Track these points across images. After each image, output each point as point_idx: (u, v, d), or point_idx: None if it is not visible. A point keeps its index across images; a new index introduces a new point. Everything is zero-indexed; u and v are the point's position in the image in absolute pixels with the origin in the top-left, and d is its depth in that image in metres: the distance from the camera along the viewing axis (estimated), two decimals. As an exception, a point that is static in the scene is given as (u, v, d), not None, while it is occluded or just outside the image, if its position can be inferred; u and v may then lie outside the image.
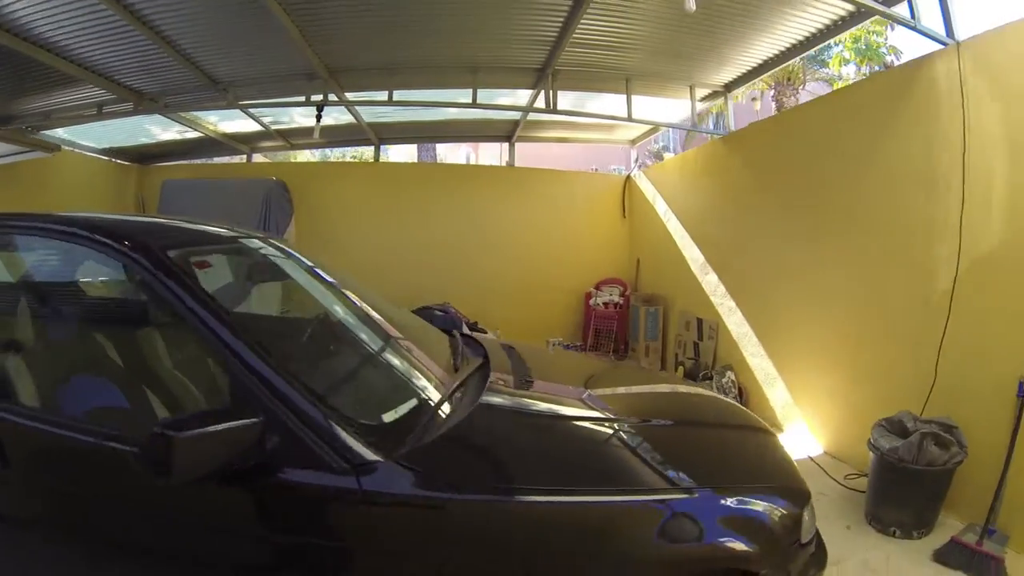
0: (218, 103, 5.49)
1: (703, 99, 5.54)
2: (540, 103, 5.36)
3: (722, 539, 1.48)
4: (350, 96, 5.31)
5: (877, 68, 8.38)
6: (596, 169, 10.63)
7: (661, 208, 6.33)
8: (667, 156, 8.43)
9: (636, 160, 7.95)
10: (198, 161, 8.19)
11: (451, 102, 5.46)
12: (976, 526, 2.60)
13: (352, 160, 10.53)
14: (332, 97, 5.19)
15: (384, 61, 4.73)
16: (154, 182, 7.22)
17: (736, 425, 2.17)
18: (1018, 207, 2.73)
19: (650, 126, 6.72)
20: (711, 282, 5.28)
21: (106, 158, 7.12)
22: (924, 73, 3.23)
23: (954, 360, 2.98)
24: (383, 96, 5.21)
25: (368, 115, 6.44)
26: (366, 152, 12.13)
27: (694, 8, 2.91)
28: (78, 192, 6.30)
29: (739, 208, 4.91)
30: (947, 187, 3.07)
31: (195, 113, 6.31)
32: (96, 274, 1.76)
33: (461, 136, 8.50)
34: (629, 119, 5.32)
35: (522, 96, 5.65)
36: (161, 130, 7.19)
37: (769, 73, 5.20)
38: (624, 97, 5.28)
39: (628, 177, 7.39)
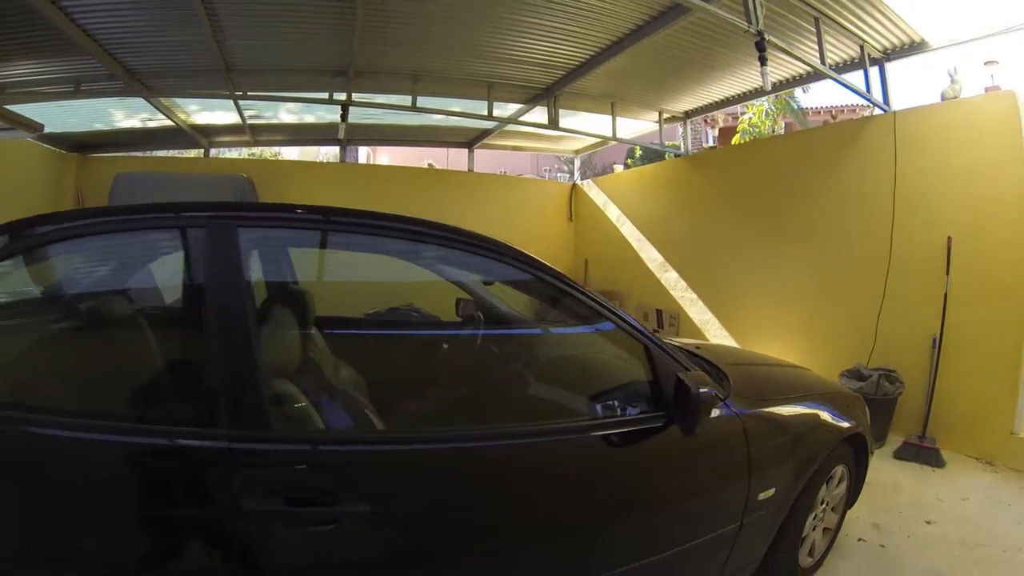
0: (219, 92, 5.56)
1: (665, 122, 6.85)
2: (532, 117, 6.30)
3: (846, 422, 2.49)
4: (378, 98, 5.69)
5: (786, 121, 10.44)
6: (504, 172, 11.78)
7: (614, 214, 7.59)
8: (616, 168, 9.70)
9: (578, 169, 9.17)
10: (143, 153, 7.99)
11: (472, 113, 6.13)
12: (914, 436, 4.04)
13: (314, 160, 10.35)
14: (342, 95, 5.55)
15: (410, 68, 5.24)
16: (96, 174, 6.89)
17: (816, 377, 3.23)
18: (931, 222, 4.26)
19: (598, 139, 7.94)
20: (671, 279, 6.60)
21: (43, 145, 6.54)
22: (868, 128, 4.77)
23: (888, 326, 4.47)
24: (406, 100, 5.68)
25: (357, 116, 6.77)
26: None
27: (770, 88, 4.09)
28: (9, 182, 5.70)
29: (702, 217, 6.29)
30: (880, 207, 4.58)
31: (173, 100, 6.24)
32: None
33: (427, 140, 8.91)
34: (614, 137, 6.46)
35: (510, 108, 6.47)
36: (124, 116, 6.89)
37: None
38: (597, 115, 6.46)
39: (574, 184, 8.57)
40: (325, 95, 5.51)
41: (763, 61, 3.47)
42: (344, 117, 5.56)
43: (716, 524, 1.85)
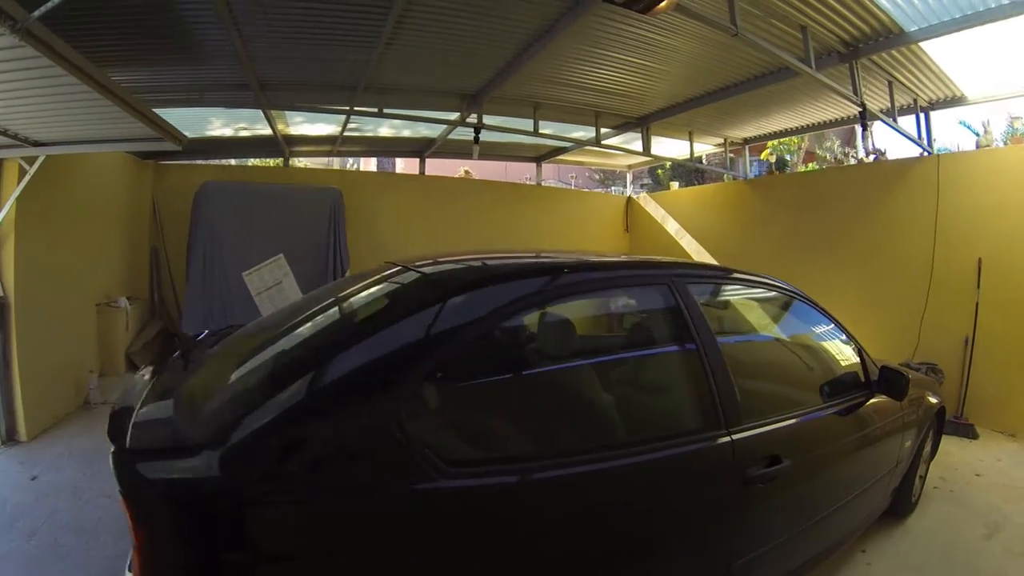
0: (340, 106, 6.19)
1: (729, 147, 8.08)
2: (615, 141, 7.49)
3: (936, 399, 3.68)
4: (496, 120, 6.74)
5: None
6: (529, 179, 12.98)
7: (672, 227, 8.82)
8: (674, 186, 10.94)
9: (630, 183, 10.42)
10: (217, 161, 8.44)
11: (560, 135, 7.29)
12: (953, 415, 5.26)
13: (397, 172, 10.81)
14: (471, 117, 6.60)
15: (534, 96, 6.33)
16: (170, 182, 7.23)
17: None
18: (965, 247, 5.49)
19: (650, 157, 9.15)
20: (728, 288, 7.79)
21: (124, 152, 6.54)
22: (916, 167, 6.03)
23: (929, 329, 5.71)
24: (527, 124, 6.72)
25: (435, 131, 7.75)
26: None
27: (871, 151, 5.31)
28: (92, 191, 5.79)
29: (761, 235, 7.50)
30: (924, 234, 5.82)
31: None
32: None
33: (501, 155, 9.70)
34: (691, 159, 7.68)
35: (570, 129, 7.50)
36: (221, 124, 7.21)
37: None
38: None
39: (629, 198, 9.78)
40: (453, 115, 6.55)
41: (864, 127, 4.68)
42: (476, 139, 6.55)
43: (887, 464, 2.91)
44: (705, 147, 8.24)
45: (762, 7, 3.84)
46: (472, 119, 6.39)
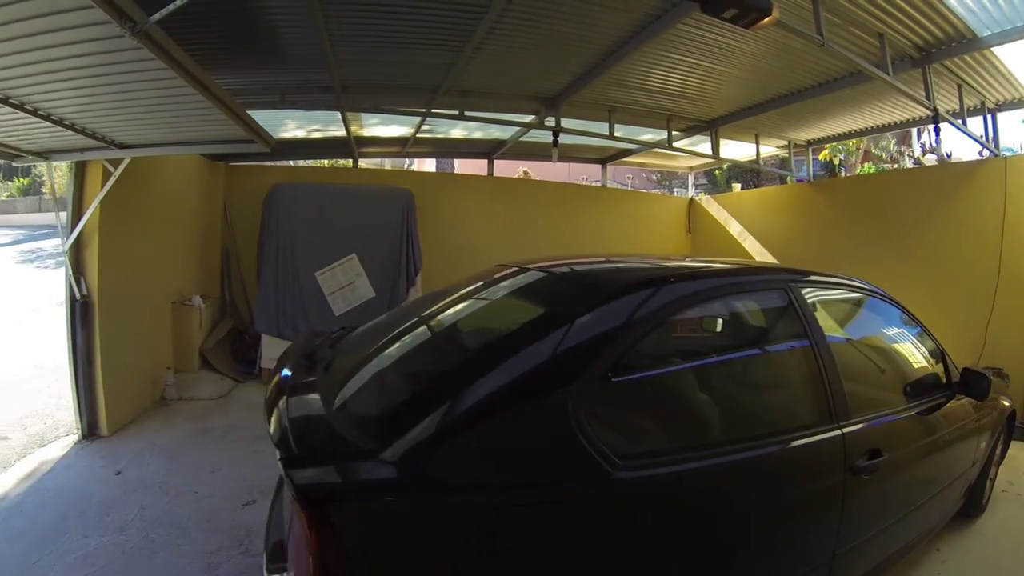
0: (419, 108, 6.46)
1: (791, 148, 8.31)
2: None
3: (1008, 402, 3.86)
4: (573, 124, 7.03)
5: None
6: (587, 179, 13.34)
7: (736, 229, 9.05)
8: (736, 187, 11.20)
9: (692, 184, 10.71)
10: (285, 162, 8.77)
11: (646, 140, 7.65)
12: (1020, 420, 5.35)
13: (465, 173, 10.86)
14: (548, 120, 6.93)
15: (609, 100, 6.65)
16: (239, 183, 7.59)
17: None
18: None
19: (711, 159, 9.38)
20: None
21: (199, 154, 6.84)
22: (982, 168, 6.17)
23: (995, 333, 5.84)
24: (602, 127, 7.09)
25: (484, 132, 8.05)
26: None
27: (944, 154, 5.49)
28: (168, 192, 6.10)
29: (826, 237, 7.67)
30: (991, 236, 5.94)
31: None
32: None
33: (566, 157, 9.80)
34: (757, 161, 7.94)
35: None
36: (296, 126, 7.48)
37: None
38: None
39: (692, 199, 10.05)
40: (528, 118, 6.87)
41: (937, 131, 4.91)
42: (555, 143, 6.81)
43: (963, 464, 3.11)
44: (769, 149, 8.46)
45: (842, 16, 4.10)
46: (550, 122, 6.68)
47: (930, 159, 12.33)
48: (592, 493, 1.68)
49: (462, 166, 14.24)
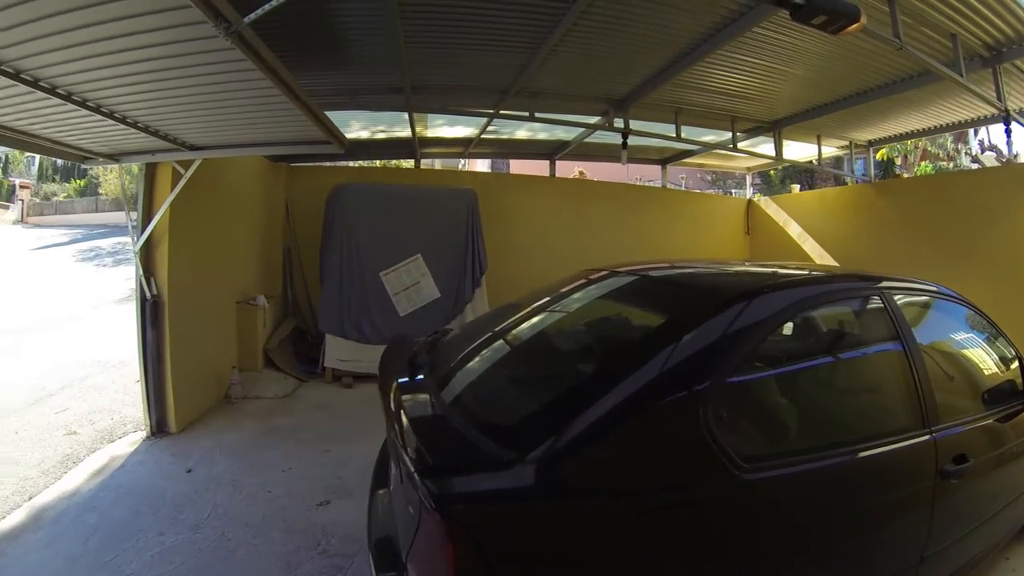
0: (486, 109, 6.68)
1: (852, 148, 8.42)
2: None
3: None
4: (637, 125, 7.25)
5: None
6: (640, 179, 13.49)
7: (795, 230, 9.15)
8: (794, 188, 11.31)
9: (750, 186, 10.85)
10: (345, 163, 9.03)
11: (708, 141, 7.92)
12: None
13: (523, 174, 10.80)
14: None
15: (675, 101, 6.82)
16: (300, 183, 7.82)
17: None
18: None
19: (769, 159, 9.49)
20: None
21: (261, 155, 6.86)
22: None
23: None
24: (669, 129, 7.32)
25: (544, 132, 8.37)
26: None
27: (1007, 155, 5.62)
28: (233, 193, 6.26)
29: (887, 238, 7.69)
30: None
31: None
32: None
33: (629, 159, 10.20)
34: (819, 162, 8.08)
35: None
36: (360, 127, 7.65)
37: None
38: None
39: (750, 200, 10.20)
40: (594, 119, 7.13)
41: (1008, 132, 5.00)
42: (624, 145, 7.05)
43: None
44: (830, 149, 8.54)
45: (915, 16, 4.25)
46: (618, 123, 6.90)
47: (988, 156, 12.17)
48: (723, 495, 1.75)
49: (516, 166, 14.34)
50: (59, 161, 29.80)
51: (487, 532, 1.52)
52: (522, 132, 8.47)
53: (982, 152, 12.01)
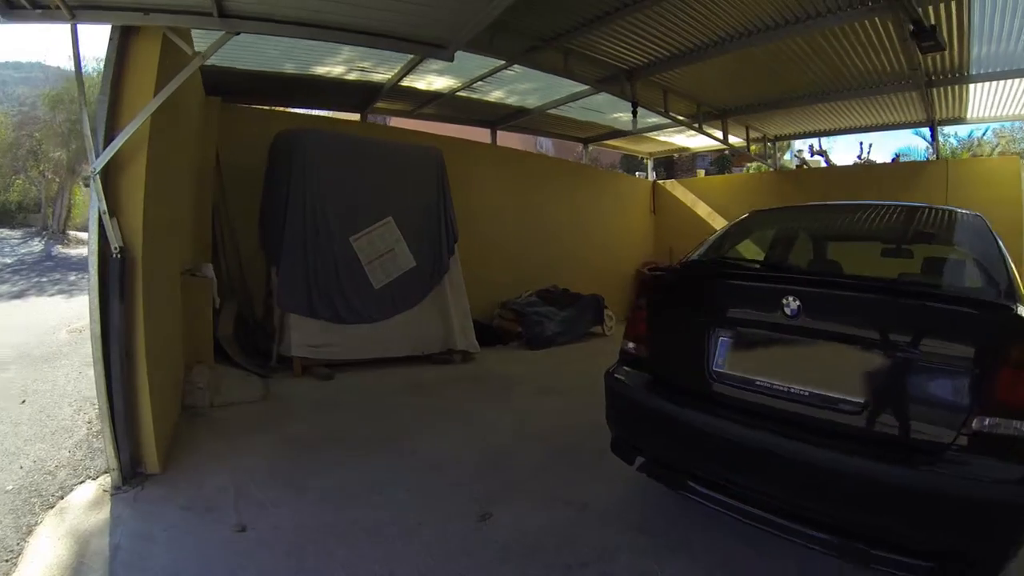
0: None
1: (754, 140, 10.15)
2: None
3: None
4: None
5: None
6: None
7: (704, 211, 10.72)
8: (700, 173, 12.86)
9: (651, 168, 12.39)
10: (298, 110, 8.19)
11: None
12: None
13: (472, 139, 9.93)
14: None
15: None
16: (237, 127, 6.43)
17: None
18: None
19: (676, 147, 10.95)
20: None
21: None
22: (926, 169, 8.32)
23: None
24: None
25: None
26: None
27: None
28: (185, 127, 4.68)
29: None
30: None
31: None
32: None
33: (551, 131, 10.64)
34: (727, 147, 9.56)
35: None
36: (294, 67, 6.47)
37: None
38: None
39: (655, 182, 11.65)
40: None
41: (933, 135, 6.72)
42: (634, 115, 7.26)
43: None
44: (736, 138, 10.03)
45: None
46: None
47: (816, 159, 15.23)
48: None
49: (454, 131, 13.83)
50: None
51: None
52: (497, 94, 8.06)
53: (811, 156, 14.95)
